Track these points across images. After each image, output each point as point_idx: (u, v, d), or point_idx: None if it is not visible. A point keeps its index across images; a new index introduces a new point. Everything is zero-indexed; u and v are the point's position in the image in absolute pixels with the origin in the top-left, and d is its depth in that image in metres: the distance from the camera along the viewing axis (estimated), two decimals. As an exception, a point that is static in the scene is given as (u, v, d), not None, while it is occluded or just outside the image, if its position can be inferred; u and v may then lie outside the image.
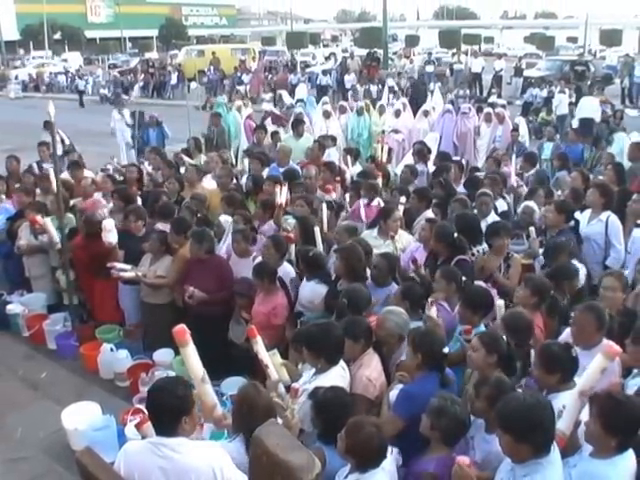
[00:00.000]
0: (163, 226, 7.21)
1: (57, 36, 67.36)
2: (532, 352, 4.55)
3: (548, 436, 3.40)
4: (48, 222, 7.29)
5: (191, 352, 4.16)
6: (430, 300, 5.20)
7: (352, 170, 10.36)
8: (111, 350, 6.54)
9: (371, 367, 4.71)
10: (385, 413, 4.44)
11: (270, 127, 14.03)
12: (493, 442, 3.76)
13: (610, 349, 3.93)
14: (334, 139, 12.62)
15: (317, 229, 6.81)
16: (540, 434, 3.36)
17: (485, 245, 6.48)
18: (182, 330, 4.15)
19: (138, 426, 3.95)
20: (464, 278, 5.66)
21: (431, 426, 3.87)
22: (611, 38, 49.70)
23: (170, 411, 3.49)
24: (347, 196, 8.49)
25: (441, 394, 3.92)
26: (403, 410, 4.21)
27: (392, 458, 3.84)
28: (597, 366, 3.89)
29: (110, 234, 6.95)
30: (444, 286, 5.48)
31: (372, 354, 4.83)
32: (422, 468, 3.89)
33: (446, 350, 4.42)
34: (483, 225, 6.80)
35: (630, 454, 3.54)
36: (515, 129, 13.26)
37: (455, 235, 6.17)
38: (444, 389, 4.28)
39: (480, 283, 5.93)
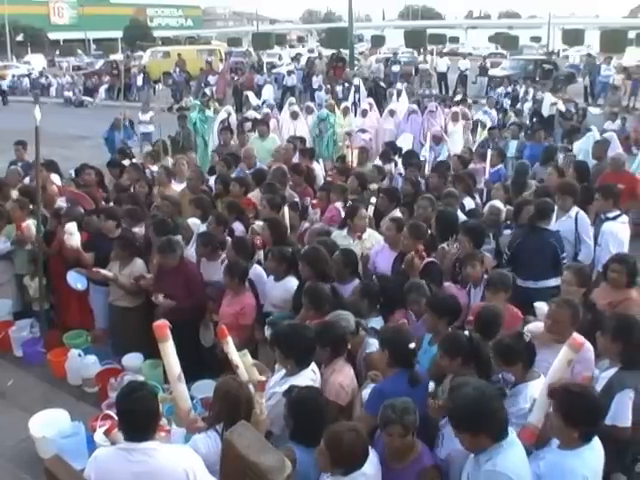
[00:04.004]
0: (139, 229, 7.21)
1: (19, 38, 66.39)
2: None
3: (502, 422, 3.49)
4: (31, 225, 7.20)
5: (170, 348, 4.18)
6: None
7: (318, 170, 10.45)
8: (79, 356, 6.47)
9: (343, 373, 4.70)
10: (357, 412, 4.47)
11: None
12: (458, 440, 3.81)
13: (574, 341, 4.03)
14: (303, 140, 12.65)
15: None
16: (493, 422, 3.46)
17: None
18: (163, 325, 4.16)
19: (107, 432, 3.92)
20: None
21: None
22: (573, 38, 50.46)
23: (147, 415, 3.49)
24: (308, 199, 8.49)
25: (391, 402, 3.85)
26: (375, 408, 4.18)
27: (373, 460, 3.81)
28: (563, 358, 4.02)
29: (72, 237, 6.89)
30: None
31: (344, 360, 4.83)
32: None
33: (412, 346, 4.44)
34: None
35: (595, 444, 3.63)
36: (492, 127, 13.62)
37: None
38: (413, 387, 4.30)
39: (450, 284, 5.99)
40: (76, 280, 6.96)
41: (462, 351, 4.36)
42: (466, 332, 4.56)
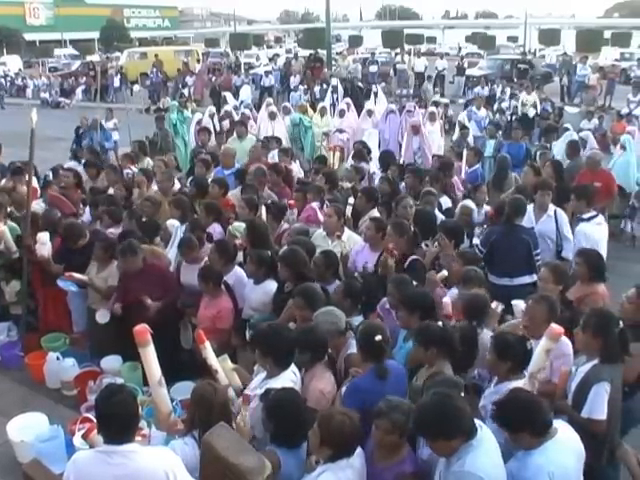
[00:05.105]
0: (115, 230, 7.17)
1: (-6, 39, 65.63)
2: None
3: (468, 422, 3.51)
4: (6, 230, 7.13)
5: (151, 353, 4.16)
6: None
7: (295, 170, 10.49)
8: (57, 359, 6.42)
9: (324, 379, 4.68)
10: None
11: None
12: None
13: (553, 330, 4.10)
14: (279, 140, 12.66)
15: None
16: (460, 425, 3.47)
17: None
18: (144, 329, 4.13)
19: (85, 435, 3.90)
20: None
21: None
22: (549, 37, 50.74)
23: (127, 418, 3.49)
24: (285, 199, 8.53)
25: (390, 398, 3.86)
26: (351, 403, 4.22)
27: (362, 456, 3.84)
28: (542, 348, 4.12)
29: (44, 247, 6.83)
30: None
31: (324, 366, 4.82)
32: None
33: (378, 338, 4.40)
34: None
35: (563, 437, 3.69)
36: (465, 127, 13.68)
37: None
38: (382, 381, 4.32)
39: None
40: (67, 285, 6.90)
41: (435, 341, 4.40)
42: (439, 323, 4.60)
